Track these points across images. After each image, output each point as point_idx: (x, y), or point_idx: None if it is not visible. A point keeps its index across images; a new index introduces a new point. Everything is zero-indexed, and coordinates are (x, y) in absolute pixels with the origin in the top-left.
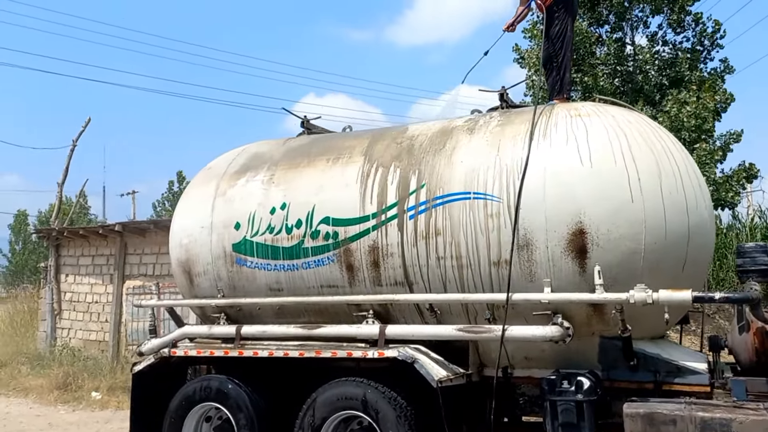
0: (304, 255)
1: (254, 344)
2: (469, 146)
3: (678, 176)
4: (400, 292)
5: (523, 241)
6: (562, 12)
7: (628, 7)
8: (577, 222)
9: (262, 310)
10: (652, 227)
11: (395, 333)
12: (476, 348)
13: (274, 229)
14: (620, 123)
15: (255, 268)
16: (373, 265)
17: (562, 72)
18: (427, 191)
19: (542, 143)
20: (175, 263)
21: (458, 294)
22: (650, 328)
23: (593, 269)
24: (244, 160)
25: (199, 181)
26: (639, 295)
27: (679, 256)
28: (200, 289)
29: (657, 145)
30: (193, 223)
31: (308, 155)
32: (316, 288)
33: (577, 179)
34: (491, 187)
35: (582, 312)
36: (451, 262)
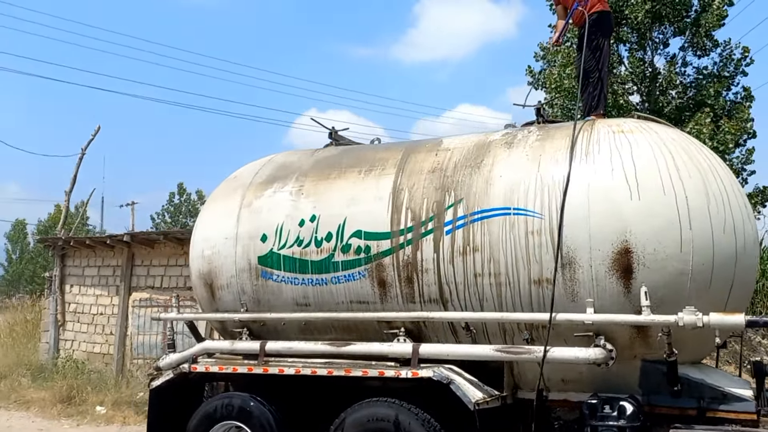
0: (333, 269)
1: (279, 361)
2: (509, 161)
3: (725, 196)
4: (434, 309)
5: (566, 260)
6: (598, 27)
7: (651, 26)
8: (622, 240)
9: (287, 325)
10: (699, 248)
11: (429, 352)
12: (511, 369)
13: (303, 241)
14: (665, 140)
15: (281, 281)
16: (406, 281)
17: (600, 87)
18: (465, 206)
19: (586, 159)
20: (195, 275)
21: (497, 313)
22: (692, 352)
23: (639, 290)
24: (271, 171)
25: (223, 191)
26: (689, 318)
27: (727, 277)
28: (222, 303)
29: (703, 164)
30: (216, 234)
31: (339, 166)
32: (346, 304)
33: (622, 196)
34: (532, 203)
35: (625, 334)
36: (489, 280)
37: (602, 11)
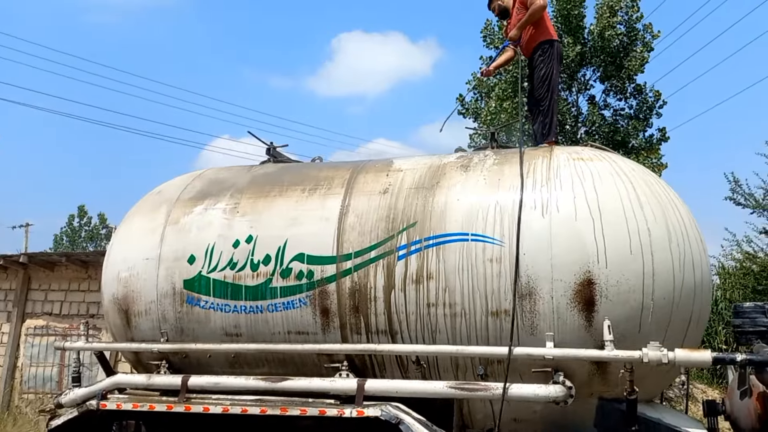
0: (271, 296)
1: (203, 398)
2: (466, 184)
3: (684, 229)
4: (382, 341)
5: (526, 290)
6: (547, 56)
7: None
8: (585, 271)
9: (213, 358)
10: (661, 281)
11: (376, 388)
12: (460, 408)
13: (237, 264)
14: (624, 170)
15: (210, 308)
16: (352, 310)
17: (550, 116)
18: (419, 230)
19: (547, 186)
20: (109, 300)
21: (452, 346)
22: (648, 390)
23: (602, 323)
24: (202, 186)
25: (145, 207)
26: (654, 354)
27: (686, 312)
28: (139, 332)
29: (662, 196)
30: (136, 254)
31: (280, 184)
32: (283, 334)
33: (586, 226)
34: (491, 228)
35: (584, 370)
36: (444, 310)
37: (552, 40)
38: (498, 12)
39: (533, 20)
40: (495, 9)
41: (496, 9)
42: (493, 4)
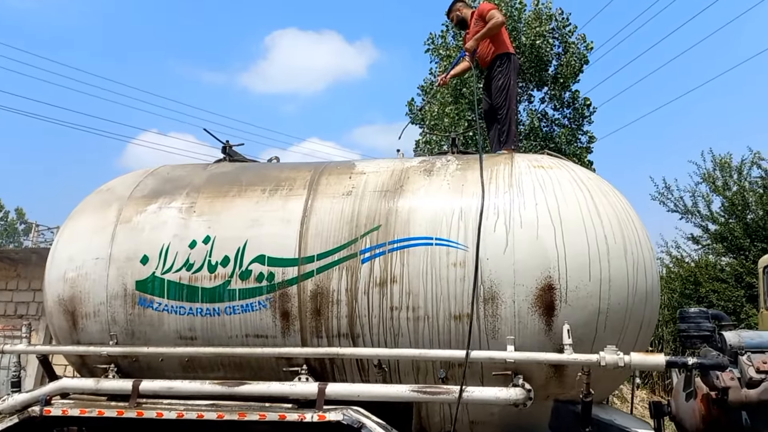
0: (229, 298)
1: (155, 403)
2: (429, 189)
3: (636, 236)
4: (343, 344)
5: (488, 294)
6: (505, 68)
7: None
8: (546, 276)
9: (165, 362)
10: (617, 287)
11: (337, 392)
12: (419, 411)
13: (193, 265)
14: (582, 178)
15: (163, 311)
16: (313, 313)
17: (509, 124)
18: (383, 234)
19: (510, 192)
20: (53, 301)
21: (414, 350)
22: (601, 392)
23: (561, 327)
24: (155, 184)
25: (94, 204)
26: (610, 357)
27: (639, 317)
28: (85, 334)
29: (617, 204)
30: (84, 254)
31: (239, 184)
32: (240, 338)
33: (547, 232)
34: (455, 233)
35: (542, 373)
36: (407, 314)
37: (509, 53)
38: (456, 21)
39: (491, 35)
40: (454, 18)
41: (454, 18)
42: (452, 14)
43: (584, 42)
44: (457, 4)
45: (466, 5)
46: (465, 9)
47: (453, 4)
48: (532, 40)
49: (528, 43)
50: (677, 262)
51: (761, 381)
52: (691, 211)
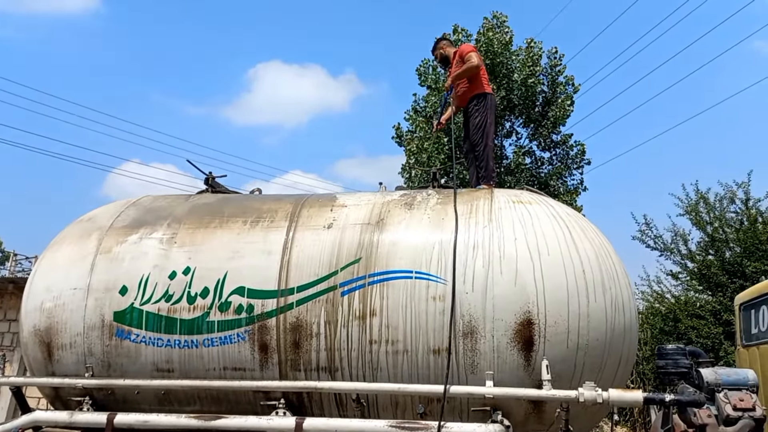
0: (208, 330)
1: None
2: (410, 222)
3: (615, 272)
4: (322, 378)
5: (467, 329)
6: (481, 106)
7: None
8: (525, 312)
9: (141, 394)
10: (596, 322)
11: (315, 427)
12: None
13: (173, 297)
14: (560, 214)
15: (141, 342)
16: (292, 346)
17: (486, 160)
18: (363, 267)
19: (489, 226)
20: (29, 332)
21: (393, 384)
22: (578, 429)
23: (540, 363)
24: (137, 214)
25: (73, 234)
26: (589, 393)
27: (617, 353)
28: (61, 366)
29: (595, 240)
30: (62, 284)
31: (220, 215)
32: (218, 370)
33: (526, 267)
34: (435, 267)
35: (521, 409)
36: (386, 348)
37: (485, 93)
38: (440, 59)
39: (465, 76)
40: (438, 56)
41: (438, 56)
42: (437, 52)
43: (572, 84)
44: (441, 42)
45: (450, 44)
46: (449, 48)
47: (437, 43)
48: (524, 77)
49: (520, 80)
50: (658, 297)
51: (738, 418)
52: (670, 248)
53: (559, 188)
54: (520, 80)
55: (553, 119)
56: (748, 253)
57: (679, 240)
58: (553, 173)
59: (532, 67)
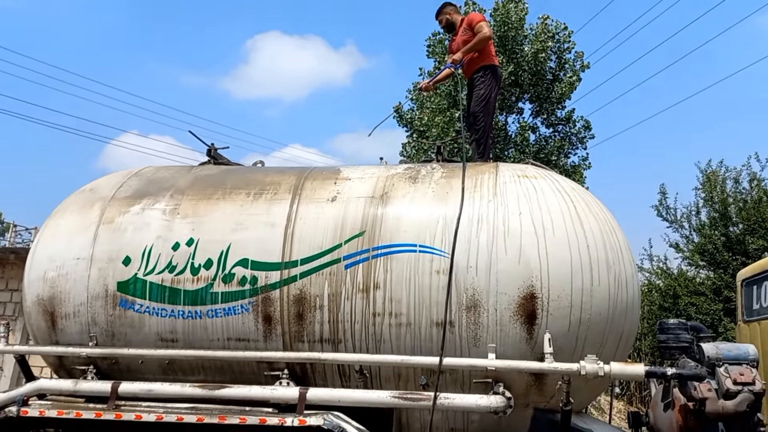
0: (211, 301)
1: (134, 406)
2: (414, 196)
3: (618, 248)
4: (325, 349)
5: (471, 303)
6: (487, 79)
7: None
8: (529, 286)
9: (145, 364)
10: (599, 298)
11: (318, 397)
12: (399, 417)
13: (176, 267)
14: (566, 189)
15: (145, 312)
16: (296, 318)
17: (485, 136)
18: (368, 240)
19: (494, 201)
20: (32, 301)
21: (396, 356)
22: (581, 401)
23: (542, 337)
24: (139, 185)
25: (75, 204)
26: (590, 366)
27: (619, 328)
28: (64, 335)
29: (600, 215)
30: (65, 254)
31: (223, 186)
32: (222, 341)
33: (530, 242)
34: (439, 241)
35: (522, 382)
36: (389, 320)
37: (493, 65)
38: (445, 24)
39: (477, 48)
40: (442, 21)
41: (443, 21)
42: (441, 17)
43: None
44: (447, 8)
45: (456, 10)
46: (455, 14)
47: (443, 7)
48: (535, 51)
49: (530, 53)
50: (657, 272)
51: (738, 392)
52: (680, 221)
53: (565, 165)
54: (531, 54)
55: (559, 94)
56: (751, 230)
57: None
58: (557, 147)
59: (544, 42)
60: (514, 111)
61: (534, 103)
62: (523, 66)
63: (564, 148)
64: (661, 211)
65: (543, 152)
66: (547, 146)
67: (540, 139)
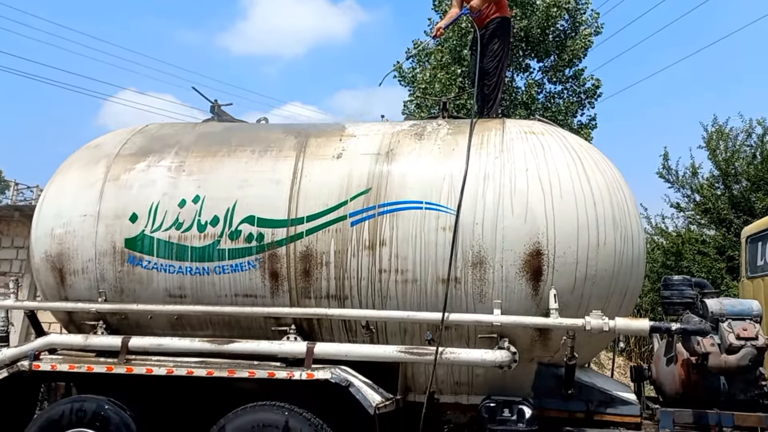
0: (218, 258)
1: (145, 360)
2: (420, 153)
3: (625, 204)
4: (332, 306)
5: (477, 259)
6: (501, 32)
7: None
8: (535, 242)
9: (154, 319)
10: (605, 254)
11: (325, 352)
12: (404, 371)
13: (183, 224)
14: (573, 145)
15: (153, 269)
16: (302, 274)
17: (496, 91)
18: (374, 197)
19: (500, 157)
20: (40, 258)
21: (402, 312)
22: (584, 356)
23: (548, 293)
24: (144, 142)
25: (81, 161)
26: (595, 322)
27: (624, 284)
28: (73, 291)
29: (607, 172)
30: (71, 211)
31: (228, 144)
32: (229, 297)
33: (536, 198)
34: (446, 197)
35: (527, 337)
36: (395, 277)
37: (505, 17)
38: None
39: None
40: None
41: None
42: None
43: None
44: None
45: None
46: None
47: None
48: (548, 5)
49: (543, 7)
50: (660, 231)
51: (741, 347)
52: (681, 181)
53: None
54: (543, 7)
55: (572, 52)
56: (756, 187)
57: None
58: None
59: None
60: (521, 68)
61: (543, 60)
62: (532, 21)
63: (572, 109)
64: (664, 174)
65: (550, 111)
66: (554, 105)
67: (549, 97)
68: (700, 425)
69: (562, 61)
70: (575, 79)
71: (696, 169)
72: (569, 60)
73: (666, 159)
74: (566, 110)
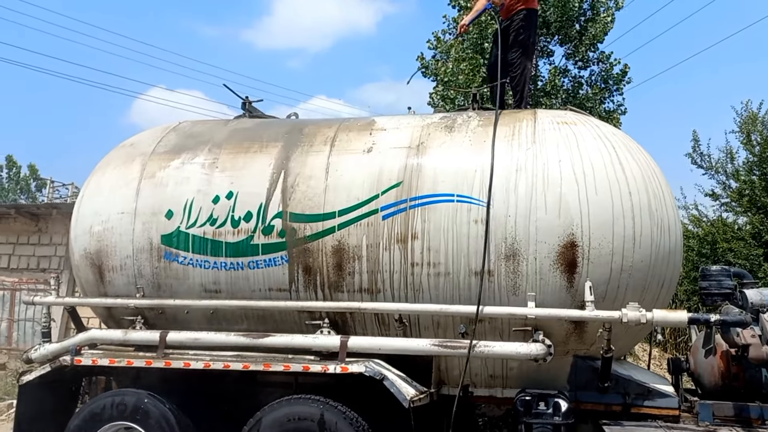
0: (252, 253)
1: (182, 354)
2: (451, 145)
3: (661, 194)
4: (364, 299)
5: (510, 251)
6: (527, 24)
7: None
8: (569, 234)
9: (190, 314)
10: (641, 245)
11: (359, 345)
12: (438, 365)
13: (217, 220)
14: (606, 134)
15: (189, 264)
16: (335, 268)
17: (523, 83)
18: (405, 190)
19: (533, 148)
20: (80, 255)
21: (436, 305)
22: (620, 348)
23: (583, 285)
24: (177, 140)
25: (118, 159)
26: (632, 314)
27: (661, 275)
28: (112, 287)
29: (642, 162)
30: (110, 208)
31: (259, 140)
32: (263, 291)
33: (570, 189)
34: (478, 190)
35: (562, 330)
36: (427, 270)
37: (531, 9)
38: None
39: None
40: None
41: None
42: None
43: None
44: None
45: None
46: None
47: None
48: None
49: None
50: (694, 220)
51: None
52: (716, 167)
53: (600, 110)
54: None
55: (592, 36)
56: None
57: (725, 158)
58: (593, 95)
59: None
60: (544, 54)
61: (565, 45)
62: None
63: (599, 96)
64: (695, 159)
65: (576, 98)
66: (580, 92)
67: (575, 84)
68: (741, 418)
69: (584, 45)
70: (601, 63)
71: (734, 155)
72: (590, 44)
73: (696, 142)
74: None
